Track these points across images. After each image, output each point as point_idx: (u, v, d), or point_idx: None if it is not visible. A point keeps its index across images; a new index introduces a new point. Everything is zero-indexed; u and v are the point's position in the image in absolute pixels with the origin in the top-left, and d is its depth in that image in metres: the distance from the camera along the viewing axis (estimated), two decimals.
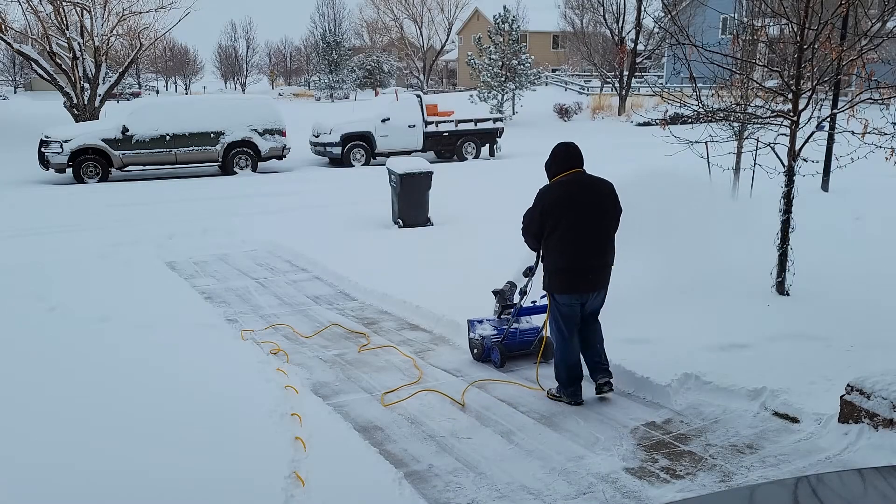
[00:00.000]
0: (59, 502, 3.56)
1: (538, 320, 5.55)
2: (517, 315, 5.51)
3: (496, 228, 8.71)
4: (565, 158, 4.68)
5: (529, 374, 5.29)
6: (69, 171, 16.47)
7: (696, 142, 7.13)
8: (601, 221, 4.65)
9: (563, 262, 4.62)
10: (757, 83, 8.11)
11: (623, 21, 35.08)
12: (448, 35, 65.16)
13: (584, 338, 4.84)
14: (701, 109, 6.88)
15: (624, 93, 33.12)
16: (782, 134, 6.46)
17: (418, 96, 20.88)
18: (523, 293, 5.41)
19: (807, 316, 5.85)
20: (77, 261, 8.81)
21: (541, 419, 4.56)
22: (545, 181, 4.80)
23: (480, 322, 5.70)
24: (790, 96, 6.20)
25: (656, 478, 3.81)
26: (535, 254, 4.98)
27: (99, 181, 16.63)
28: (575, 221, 4.57)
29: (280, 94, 58.91)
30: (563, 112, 32.75)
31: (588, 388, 4.89)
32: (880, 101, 6.05)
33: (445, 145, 20.63)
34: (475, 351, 5.67)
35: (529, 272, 5.17)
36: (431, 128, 20.23)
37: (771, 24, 7.67)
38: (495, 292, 5.76)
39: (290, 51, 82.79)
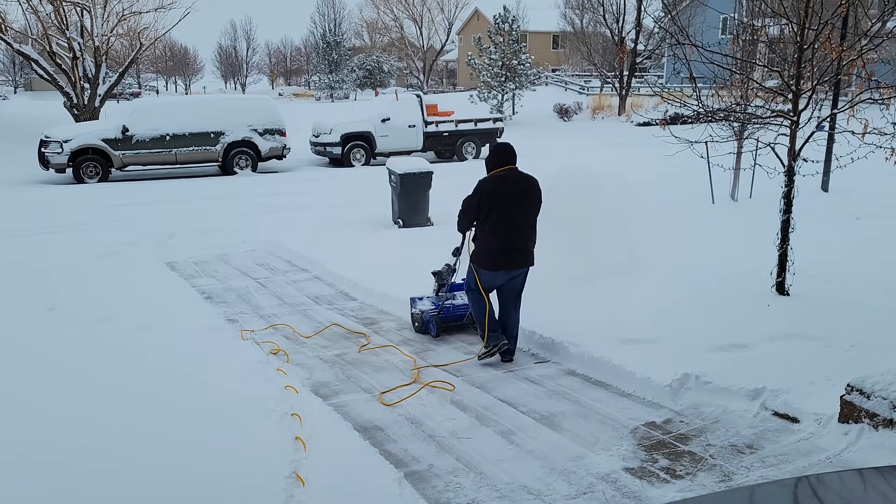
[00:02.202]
0: (58, 501, 3.56)
1: None
2: (448, 290, 6.26)
3: None
4: (501, 156, 5.48)
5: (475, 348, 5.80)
6: (69, 171, 16.48)
7: (696, 142, 7.13)
8: (527, 210, 5.42)
9: (493, 242, 5.39)
10: (757, 83, 8.10)
11: (623, 21, 35.06)
12: (448, 35, 65.25)
13: (502, 323, 5.56)
14: (701, 109, 6.87)
15: (624, 93, 33.08)
16: (782, 134, 6.46)
17: (418, 96, 20.88)
18: (453, 271, 6.27)
19: (807, 316, 5.85)
20: (77, 261, 8.80)
21: (541, 419, 4.56)
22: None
23: (421, 299, 6.39)
24: (790, 96, 6.20)
25: (656, 478, 3.81)
26: (461, 235, 5.82)
27: (99, 181, 16.63)
28: (505, 209, 5.34)
29: (280, 94, 58.91)
30: (563, 112, 32.73)
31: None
32: (880, 101, 6.05)
33: (445, 145, 20.64)
34: (416, 324, 6.33)
35: (457, 252, 6.09)
36: (431, 128, 20.23)
37: (771, 24, 7.66)
38: (434, 273, 6.43)
39: (290, 51, 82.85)
